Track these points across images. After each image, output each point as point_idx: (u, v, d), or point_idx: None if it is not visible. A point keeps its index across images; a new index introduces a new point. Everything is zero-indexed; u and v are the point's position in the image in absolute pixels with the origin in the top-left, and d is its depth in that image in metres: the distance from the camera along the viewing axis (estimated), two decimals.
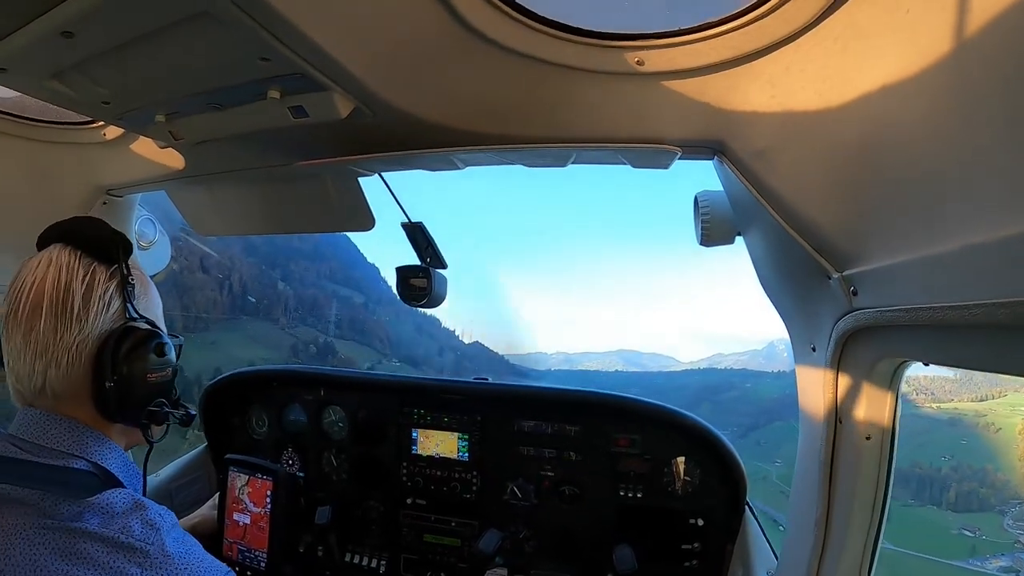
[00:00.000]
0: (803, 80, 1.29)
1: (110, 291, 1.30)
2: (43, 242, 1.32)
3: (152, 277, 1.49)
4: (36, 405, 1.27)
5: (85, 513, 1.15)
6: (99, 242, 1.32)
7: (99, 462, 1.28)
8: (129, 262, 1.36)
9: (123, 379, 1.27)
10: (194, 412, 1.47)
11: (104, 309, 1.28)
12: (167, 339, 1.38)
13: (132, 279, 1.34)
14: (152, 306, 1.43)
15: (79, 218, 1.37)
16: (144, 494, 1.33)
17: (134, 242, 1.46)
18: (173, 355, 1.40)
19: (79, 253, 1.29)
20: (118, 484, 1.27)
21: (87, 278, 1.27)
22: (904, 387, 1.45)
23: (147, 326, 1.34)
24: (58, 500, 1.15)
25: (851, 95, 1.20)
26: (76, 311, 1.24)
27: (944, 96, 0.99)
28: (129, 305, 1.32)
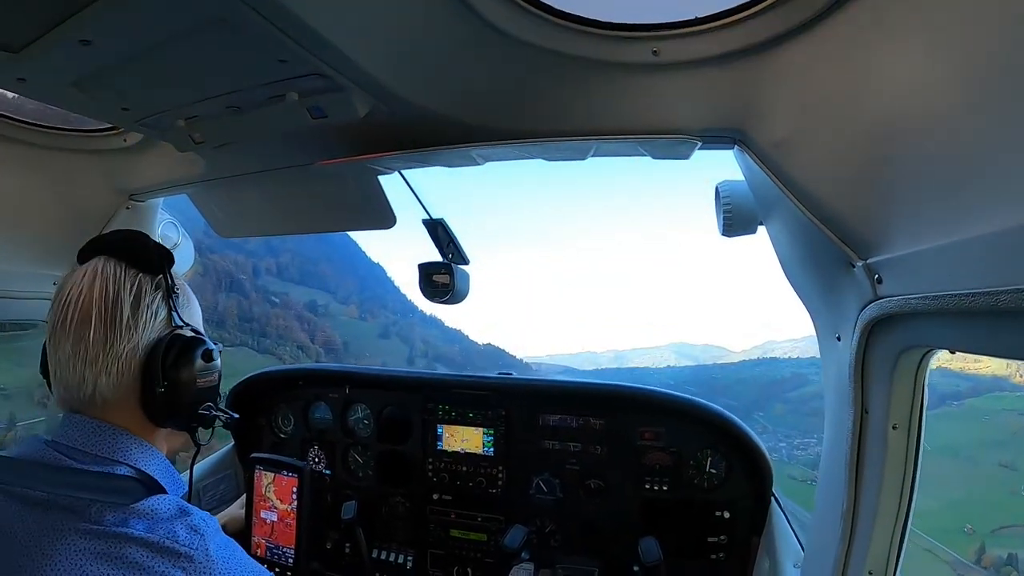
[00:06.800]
0: (823, 67, 1.28)
1: (157, 300, 1.33)
2: (84, 256, 1.35)
3: None
4: (83, 411, 1.30)
5: (130, 519, 1.17)
6: (143, 253, 1.35)
7: (142, 468, 1.31)
8: (171, 272, 1.40)
9: (173, 384, 1.31)
10: (237, 415, 1.51)
11: (152, 318, 1.31)
12: (212, 345, 1.42)
13: (176, 288, 1.38)
14: (194, 314, 1.46)
15: (119, 231, 1.41)
16: (189, 498, 1.36)
17: None
18: (219, 360, 1.44)
19: (124, 265, 1.32)
20: (161, 490, 1.29)
21: (135, 288, 1.30)
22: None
23: (192, 333, 1.39)
24: (103, 507, 1.17)
25: (872, 81, 1.18)
26: (126, 321, 1.27)
27: (966, 81, 0.97)
28: (175, 313, 1.36)
